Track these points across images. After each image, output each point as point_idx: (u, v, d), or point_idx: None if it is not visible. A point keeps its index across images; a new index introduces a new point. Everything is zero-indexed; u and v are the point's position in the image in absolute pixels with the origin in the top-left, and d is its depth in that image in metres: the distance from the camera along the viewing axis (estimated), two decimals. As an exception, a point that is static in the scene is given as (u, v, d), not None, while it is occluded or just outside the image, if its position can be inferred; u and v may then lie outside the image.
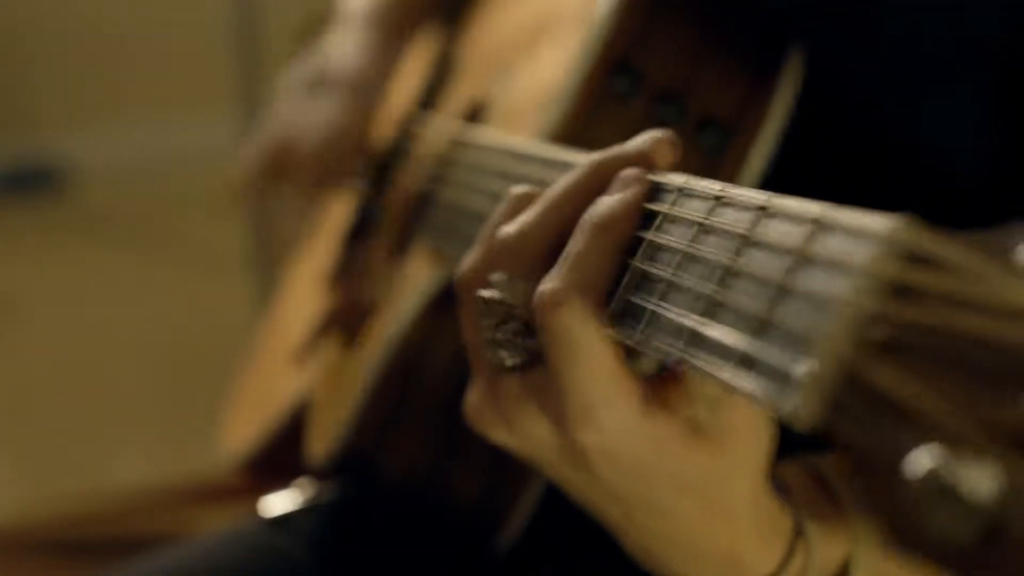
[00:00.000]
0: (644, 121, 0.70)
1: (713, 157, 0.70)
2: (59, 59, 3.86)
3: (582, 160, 0.57)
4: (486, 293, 0.56)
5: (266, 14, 2.58)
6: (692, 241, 0.49)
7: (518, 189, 0.59)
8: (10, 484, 2.28)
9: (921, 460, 0.35)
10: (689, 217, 0.50)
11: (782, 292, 0.42)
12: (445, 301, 0.80)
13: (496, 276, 0.56)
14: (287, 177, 1.04)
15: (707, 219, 0.49)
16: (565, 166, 0.59)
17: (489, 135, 0.82)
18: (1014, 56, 0.67)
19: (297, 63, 1.10)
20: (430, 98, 1.00)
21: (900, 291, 0.37)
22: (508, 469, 0.80)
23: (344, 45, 1.07)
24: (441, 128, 0.92)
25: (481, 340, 0.57)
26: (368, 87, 1.04)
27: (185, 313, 2.90)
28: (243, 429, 1.09)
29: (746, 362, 0.43)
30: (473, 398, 0.58)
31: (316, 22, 1.13)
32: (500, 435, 0.57)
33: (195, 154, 3.75)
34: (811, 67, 0.70)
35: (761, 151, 0.69)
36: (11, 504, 2.18)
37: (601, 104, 0.72)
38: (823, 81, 0.70)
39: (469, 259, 0.58)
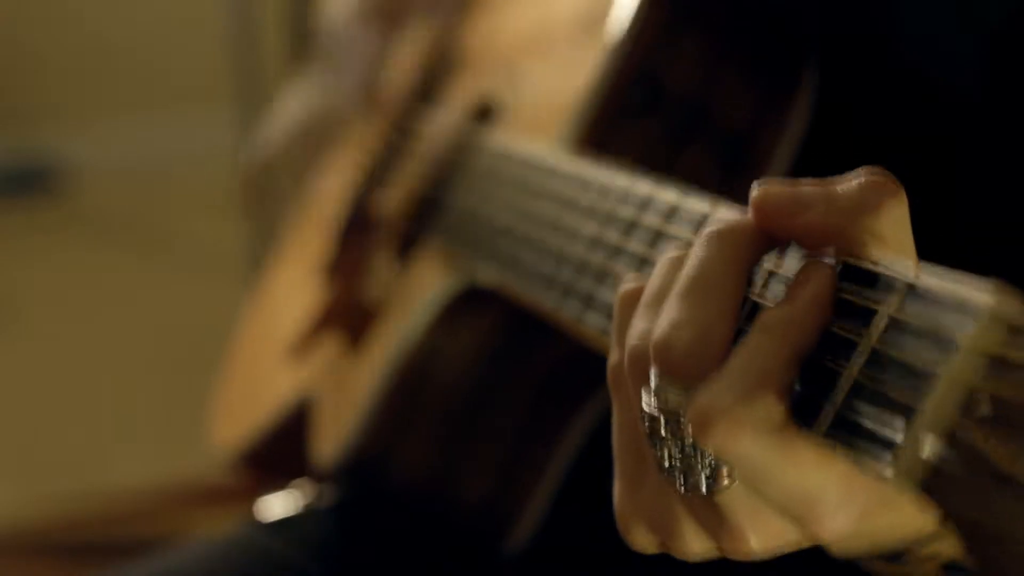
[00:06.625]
0: (663, 132, 0.71)
1: (732, 169, 0.70)
2: (58, 59, 3.85)
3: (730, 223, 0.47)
4: (646, 406, 0.47)
5: (265, 14, 2.58)
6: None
7: (670, 254, 0.49)
8: (5, 485, 2.27)
9: None
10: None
11: (876, 357, 0.42)
12: (458, 306, 0.80)
13: (652, 380, 0.47)
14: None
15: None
16: (599, 188, 0.58)
17: (506, 141, 0.82)
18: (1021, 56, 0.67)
19: None
20: (428, 91, 0.99)
21: (998, 364, 0.38)
22: (518, 473, 0.80)
23: None
24: (446, 126, 0.92)
25: (630, 441, 0.50)
26: None
27: (184, 313, 2.89)
28: (235, 423, 1.07)
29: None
30: (621, 503, 0.50)
31: None
32: (651, 549, 0.50)
33: (195, 154, 3.74)
34: (827, 78, 0.70)
35: (780, 162, 0.69)
36: (5, 506, 2.17)
37: (621, 114, 0.72)
38: (840, 92, 0.71)
39: (615, 353, 0.50)
